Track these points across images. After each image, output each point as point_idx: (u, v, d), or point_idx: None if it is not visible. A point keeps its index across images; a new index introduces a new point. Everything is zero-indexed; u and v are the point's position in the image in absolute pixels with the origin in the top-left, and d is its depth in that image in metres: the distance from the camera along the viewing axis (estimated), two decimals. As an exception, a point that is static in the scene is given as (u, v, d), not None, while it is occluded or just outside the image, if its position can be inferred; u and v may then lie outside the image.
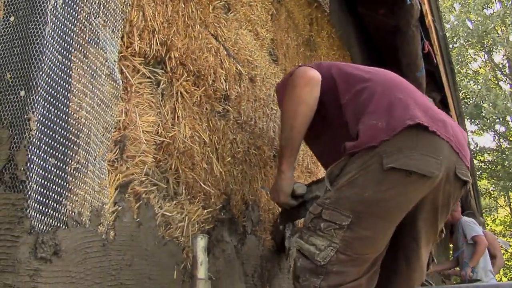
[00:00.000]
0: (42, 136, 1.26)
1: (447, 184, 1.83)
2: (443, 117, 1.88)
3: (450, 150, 1.80)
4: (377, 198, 1.72)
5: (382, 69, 2.10)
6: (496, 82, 20.85)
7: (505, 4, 19.89)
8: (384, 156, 1.73)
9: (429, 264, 2.01)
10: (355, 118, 1.89)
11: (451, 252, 7.07)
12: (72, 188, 1.35)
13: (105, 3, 1.54)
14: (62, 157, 1.32)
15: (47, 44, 1.30)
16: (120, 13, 1.61)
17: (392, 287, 1.92)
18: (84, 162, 1.40)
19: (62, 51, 1.36)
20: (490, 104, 17.98)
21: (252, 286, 2.40)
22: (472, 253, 5.62)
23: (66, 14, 1.37)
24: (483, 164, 20.64)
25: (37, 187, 1.23)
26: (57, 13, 1.34)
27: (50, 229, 1.27)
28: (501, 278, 18.23)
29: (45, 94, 1.28)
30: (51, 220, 1.27)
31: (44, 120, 1.27)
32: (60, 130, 1.32)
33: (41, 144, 1.26)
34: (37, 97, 1.25)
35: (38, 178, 1.23)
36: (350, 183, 1.76)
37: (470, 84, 20.59)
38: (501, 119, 18.94)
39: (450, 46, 18.75)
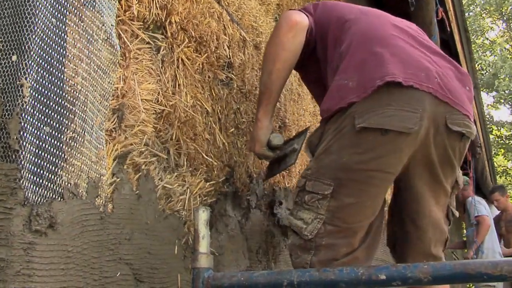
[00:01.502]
0: (35, 103, 1.25)
1: (438, 137, 1.77)
2: (430, 65, 1.79)
3: (433, 101, 1.73)
4: (355, 162, 1.70)
5: (373, 11, 2.02)
6: (513, 52, 20.64)
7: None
8: (355, 116, 1.70)
9: (450, 219, 1.96)
10: (332, 74, 1.86)
11: (464, 231, 7.11)
12: (68, 158, 1.34)
13: (101, -37, 1.51)
14: (57, 125, 1.31)
15: (40, 5, 1.27)
16: (117, -27, 1.59)
17: (408, 254, 1.91)
18: (81, 131, 1.40)
19: (56, 13, 1.33)
20: (506, 76, 17.83)
21: (257, 263, 2.41)
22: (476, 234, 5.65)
23: (59, -26, 1.35)
24: (499, 139, 20.44)
25: (31, 156, 1.22)
26: (50, -27, 1.31)
27: (45, 200, 1.26)
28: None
29: (38, 59, 1.26)
30: (46, 192, 1.26)
31: (37, 86, 1.25)
32: (54, 97, 1.31)
33: (35, 112, 1.24)
34: (30, 62, 1.23)
35: (31, 148, 1.22)
36: (327, 150, 1.75)
37: (486, 55, 20.38)
38: (517, 91, 18.80)
39: (466, 14, 18.47)
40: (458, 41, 5.33)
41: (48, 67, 1.30)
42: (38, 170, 1.24)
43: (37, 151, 1.24)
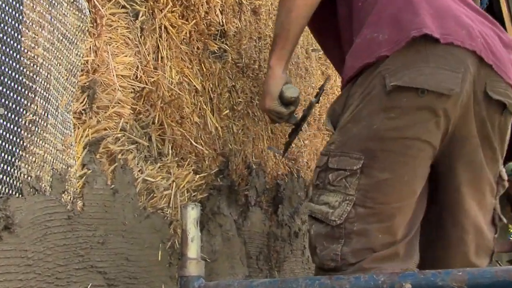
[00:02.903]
0: (-14, 79, 1.24)
1: (476, 107, 1.77)
2: (472, 22, 1.79)
3: (476, 62, 1.73)
4: (388, 129, 1.70)
5: None
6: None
7: None
8: (386, 75, 1.70)
9: (496, 225, 1.95)
10: (358, 28, 1.85)
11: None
12: (28, 146, 1.33)
13: None
14: (14, 106, 1.30)
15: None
16: None
17: (442, 260, 1.88)
18: (43, 113, 1.38)
19: (11, -30, 1.32)
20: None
21: (257, 271, 2.41)
22: None
23: None
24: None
25: (-18, 144, 1.21)
26: None
27: (0, 197, 1.25)
28: None
29: (-12, 26, 1.25)
30: (1, 187, 1.25)
31: (-12, 59, 1.24)
32: (10, 72, 1.29)
33: (-14, 90, 1.23)
34: (-22, 29, 1.22)
35: (-18, 133, 1.22)
36: (354, 118, 1.75)
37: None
38: None
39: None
40: (503, 3, 5.32)
41: (2, 35, 1.27)
42: (-9, 160, 1.23)
43: (-11, 137, 1.24)
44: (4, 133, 1.27)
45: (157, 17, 1.92)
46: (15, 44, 1.31)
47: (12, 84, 1.30)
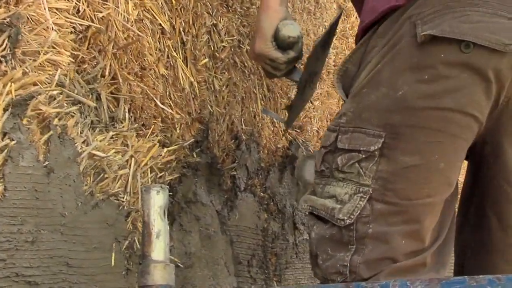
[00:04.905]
0: None
1: None
2: None
3: None
4: (419, 95, 1.70)
5: None
6: None
7: None
8: (418, 21, 1.70)
9: None
10: None
11: None
12: None
13: None
14: None
15: None
16: None
17: (485, 264, 1.89)
18: None
19: None
20: None
21: (249, 281, 2.43)
22: None
23: None
24: None
25: None
26: None
27: None
28: None
29: None
30: None
31: None
32: None
33: None
34: None
35: None
36: (372, 80, 1.75)
37: None
38: None
39: None
40: None
41: None
42: None
43: None
44: None
45: None
46: None
47: None
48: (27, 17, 1.63)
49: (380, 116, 1.71)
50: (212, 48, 2.33)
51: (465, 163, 1.91)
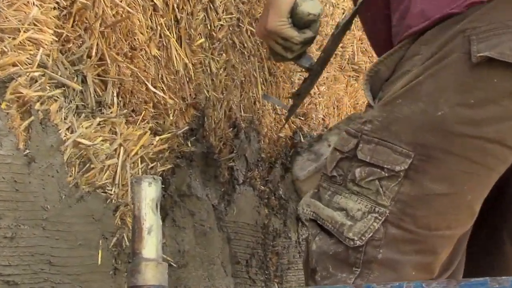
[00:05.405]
0: None
1: None
2: None
3: None
4: (461, 120, 1.69)
5: None
6: None
7: None
8: (473, 36, 1.67)
9: None
10: None
11: None
12: None
13: None
14: None
15: None
16: None
17: None
18: None
19: None
20: None
21: (247, 282, 2.45)
22: None
23: None
24: None
25: None
26: None
27: None
28: None
29: None
30: None
31: None
32: None
33: None
34: None
35: None
36: (410, 92, 1.73)
37: None
38: None
39: None
40: None
41: None
42: None
43: None
44: None
45: None
46: None
47: None
48: (5, -10, 1.62)
49: (412, 133, 1.71)
50: (209, 27, 2.34)
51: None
